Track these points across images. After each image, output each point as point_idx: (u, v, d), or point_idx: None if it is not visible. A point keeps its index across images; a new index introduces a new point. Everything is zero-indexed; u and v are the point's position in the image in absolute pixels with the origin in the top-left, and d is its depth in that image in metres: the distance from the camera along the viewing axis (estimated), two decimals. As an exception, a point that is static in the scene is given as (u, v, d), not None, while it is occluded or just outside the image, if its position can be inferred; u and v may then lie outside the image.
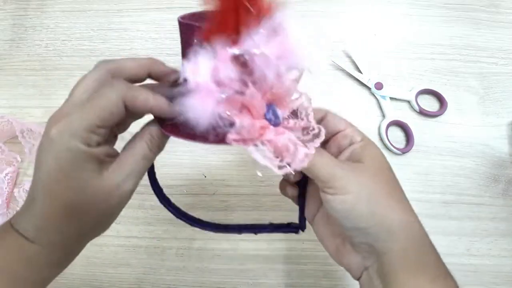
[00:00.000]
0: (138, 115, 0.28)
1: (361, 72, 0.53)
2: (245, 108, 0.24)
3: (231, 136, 0.23)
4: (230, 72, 0.22)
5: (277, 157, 0.24)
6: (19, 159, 0.51)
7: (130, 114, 0.26)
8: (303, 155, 0.24)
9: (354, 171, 0.26)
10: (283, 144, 0.24)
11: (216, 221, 0.33)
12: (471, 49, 0.54)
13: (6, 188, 0.49)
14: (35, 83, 0.54)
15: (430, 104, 0.53)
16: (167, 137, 0.28)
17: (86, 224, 0.25)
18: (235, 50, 0.22)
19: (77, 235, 0.26)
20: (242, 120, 0.23)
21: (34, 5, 0.58)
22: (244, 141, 0.24)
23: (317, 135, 0.26)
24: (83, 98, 0.24)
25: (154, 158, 0.27)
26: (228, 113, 0.23)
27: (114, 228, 0.48)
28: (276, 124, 0.25)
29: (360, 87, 0.53)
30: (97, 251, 0.48)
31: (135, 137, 0.27)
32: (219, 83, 0.23)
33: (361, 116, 0.52)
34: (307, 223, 0.33)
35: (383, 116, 0.52)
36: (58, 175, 0.23)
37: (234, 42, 0.22)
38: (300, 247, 0.32)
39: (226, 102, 0.23)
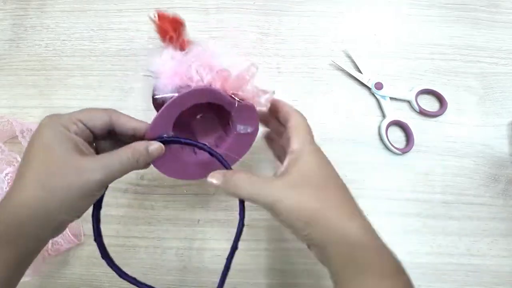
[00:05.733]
0: (124, 135, 0.33)
1: (361, 72, 0.53)
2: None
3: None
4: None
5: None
6: (19, 159, 0.51)
7: (116, 132, 0.32)
8: (268, 95, 0.35)
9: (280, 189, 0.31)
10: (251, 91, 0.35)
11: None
12: (471, 49, 0.55)
13: (6, 188, 0.49)
14: (35, 83, 0.54)
15: (430, 104, 0.53)
16: (150, 159, 0.32)
17: (54, 199, 0.27)
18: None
19: (44, 213, 0.27)
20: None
21: (34, 5, 0.58)
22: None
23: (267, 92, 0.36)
24: None
25: (130, 168, 0.31)
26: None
27: (114, 228, 0.48)
28: None
29: (360, 87, 0.53)
30: (97, 251, 0.48)
31: (124, 146, 0.31)
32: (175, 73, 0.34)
33: (361, 116, 0.52)
34: None
35: (383, 116, 0.52)
36: (38, 150, 0.28)
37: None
38: (300, 247, 0.33)
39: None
